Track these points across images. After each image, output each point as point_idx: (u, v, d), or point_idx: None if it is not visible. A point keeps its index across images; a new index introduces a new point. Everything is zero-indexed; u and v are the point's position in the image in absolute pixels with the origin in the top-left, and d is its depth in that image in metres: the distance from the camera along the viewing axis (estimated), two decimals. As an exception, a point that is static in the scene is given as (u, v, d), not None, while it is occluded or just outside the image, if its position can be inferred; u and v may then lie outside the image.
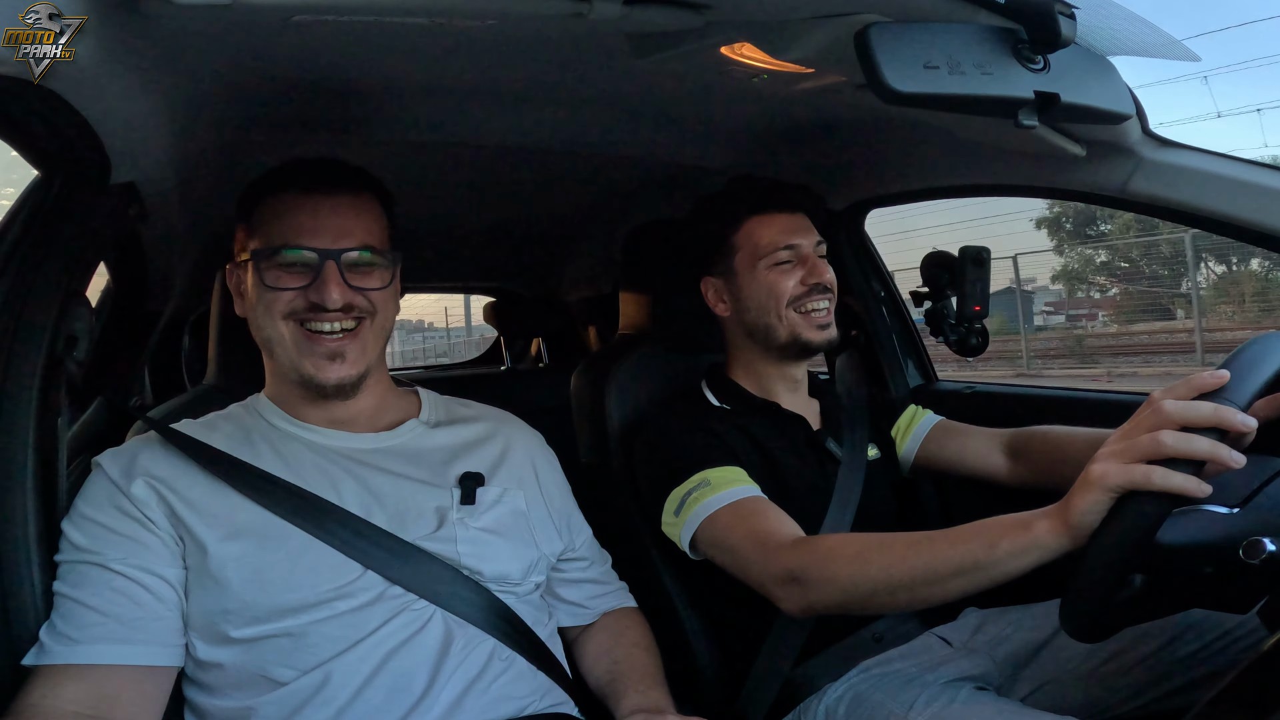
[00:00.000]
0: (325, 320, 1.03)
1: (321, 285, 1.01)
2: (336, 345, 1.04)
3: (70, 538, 0.93)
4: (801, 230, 1.36)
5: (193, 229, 1.58)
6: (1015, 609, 1.31)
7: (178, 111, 1.06)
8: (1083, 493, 0.82)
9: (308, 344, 1.03)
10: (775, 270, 1.35)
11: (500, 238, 2.50)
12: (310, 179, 1.05)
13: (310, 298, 1.02)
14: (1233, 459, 0.77)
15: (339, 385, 1.05)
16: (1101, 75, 1.03)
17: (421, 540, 1.02)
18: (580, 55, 1.13)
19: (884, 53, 0.85)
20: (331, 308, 1.01)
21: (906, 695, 1.12)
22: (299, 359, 1.04)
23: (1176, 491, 0.76)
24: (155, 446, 1.01)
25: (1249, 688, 0.75)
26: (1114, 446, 0.82)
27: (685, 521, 1.23)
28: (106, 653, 0.88)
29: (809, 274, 1.34)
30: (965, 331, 1.68)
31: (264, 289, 1.02)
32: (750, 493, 1.22)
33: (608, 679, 1.16)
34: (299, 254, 1.02)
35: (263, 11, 0.81)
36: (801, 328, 1.34)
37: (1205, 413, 0.78)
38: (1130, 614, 0.86)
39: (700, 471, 1.24)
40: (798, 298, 1.34)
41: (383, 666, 0.94)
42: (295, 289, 1.02)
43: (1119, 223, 22.11)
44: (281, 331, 1.03)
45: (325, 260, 1.02)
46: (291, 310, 1.03)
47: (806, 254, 1.35)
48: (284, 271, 1.03)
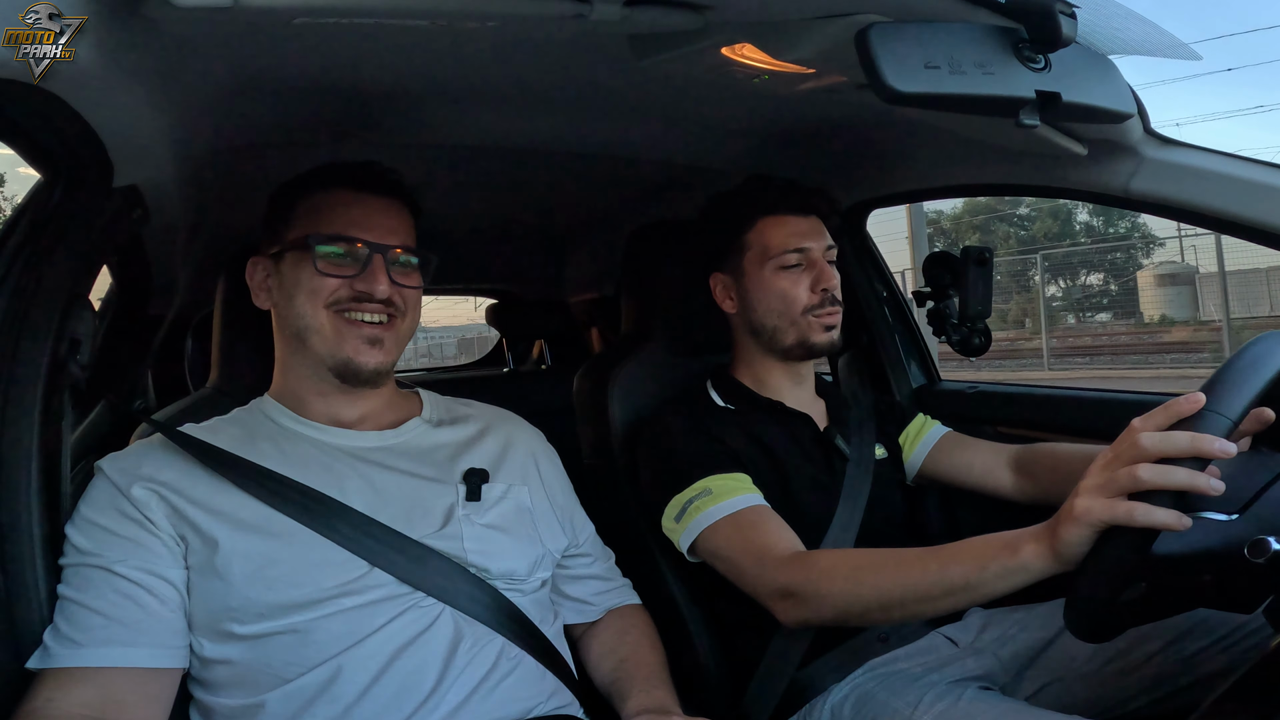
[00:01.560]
0: (367, 310, 1.07)
1: (370, 276, 1.06)
2: (376, 331, 1.07)
3: (74, 541, 0.94)
4: (812, 234, 1.36)
5: (196, 232, 1.58)
6: (1021, 609, 1.31)
7: (180, 114, 1.06)
8: (1068, 525, 0.83)
9: (349, 329, 1.07)
10: (783, 273, 1.35)
11: (502, 239, 2.50)
12: (360, 178, 1.11)
13: (357, 287, 1.06)
14: (1211, 488, 0.76)
15: (376, 371, 1.08)
16: (1103, 74, 1.03)
17: (427, 538, 1.02)
18: (581, 57, 1.13)
19: (884, 53, 0.85)
20: (379, 298, 1.06)
21: (912, 694, 1.12)
22: (339, 344, 1.06)
23: (1158, 528, 0.77)
24: (158, 449, 1.02)
25: (1255, 686, 0.74)
26: (1095, 479, 0.83)
27: (685, 529, 1.24)
28: (111, 655, 0.88)
29: (818, 279, 1.34)
30: (968, 331, 1.68)
31: (313, 274, 1.06)
32: (752, 502, 1.22)
33: (613, 677, 1.16)
34: (352, 245, 1.06)
35: (264, 14, 0.81)
36: (809, 331, 1.35)
37: (1182, 444, 0.78)
38: (1135, 615, 0.86)
39: (703, 479, 1.24)
40: (812, 307, 1.35)
41: (391, 664, 0.95)
42: (343, 277, 1.06)
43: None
44: (322, 320, 1.06)
45: (374, 254, 1.06)
46: (335, 299, 1.06)
47: (815, 258, 1.35)
48: (332, 260, 1.06)
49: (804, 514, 1.27)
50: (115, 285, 1.69)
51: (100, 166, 0.95)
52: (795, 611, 1.10)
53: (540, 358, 3.19)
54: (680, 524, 1.24)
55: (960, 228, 27.51)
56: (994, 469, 1.42)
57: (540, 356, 3.19)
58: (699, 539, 1.22)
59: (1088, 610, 0.83)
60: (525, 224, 2.36)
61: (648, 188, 1.96)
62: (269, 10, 0.80)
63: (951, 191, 1.62)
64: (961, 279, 1.65)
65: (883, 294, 1.88)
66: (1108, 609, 0.82)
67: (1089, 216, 29.20)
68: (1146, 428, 0.81)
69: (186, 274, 1.82)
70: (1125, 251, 21.81)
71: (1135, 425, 0.82)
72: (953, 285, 1.68)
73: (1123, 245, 23.07)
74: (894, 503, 1.44)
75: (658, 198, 2.00)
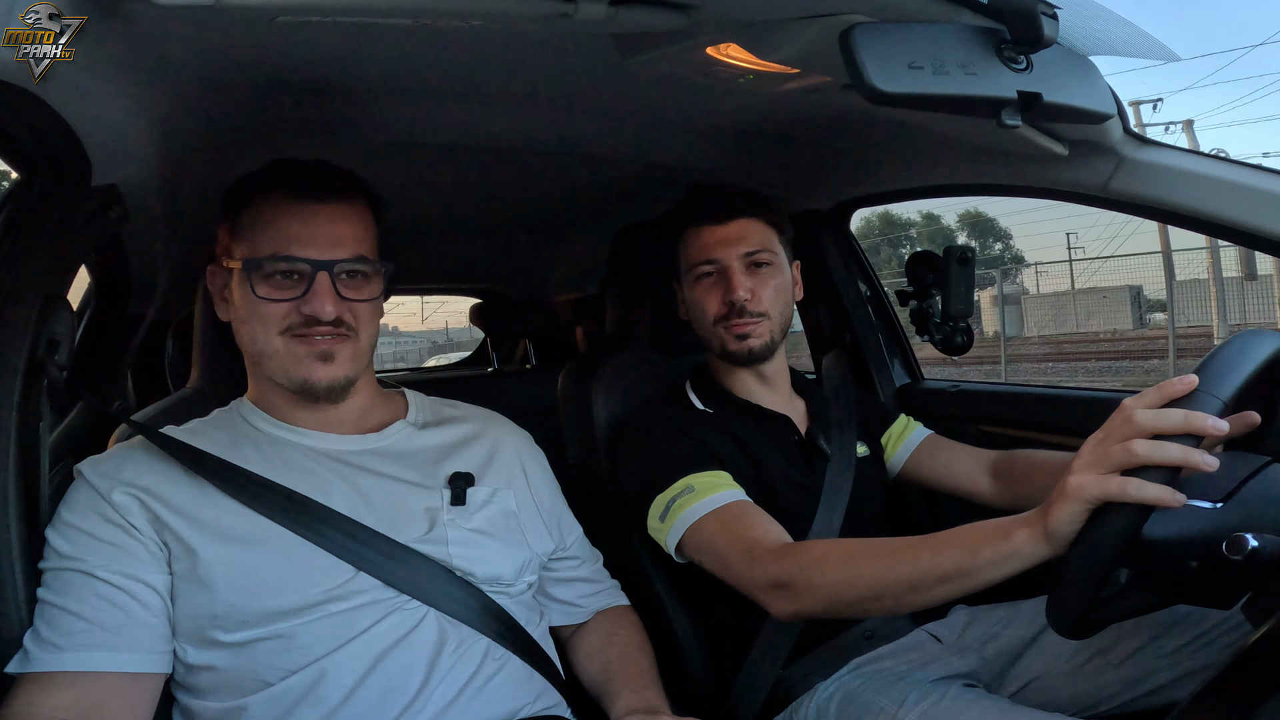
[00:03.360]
0: (317, 333, 1.02)
1: (314, 298, 1.00)
2: (327, 345, 1.03)
3: (54, 545, 0.92)
4: (723, 243, 1.35)
5: (176, 231, 1.56)
6: (1004, 606, 1.32)
7: (160, 112, 1.05)
8: (1060, 504, 0.83)
9: (301, 347, 1.02)
10: (699, 284, 1.37)
11: (487, 239, 2.50)
12: (301, 184, 1.02)
13: (303, 310, 1.00)
14: (1205, 462, 0.77)
15: (330, 387, 1.04)
16: (1083, 75, 1.04)
17: (414, 542, 1.01)
18: (567, 56, 1.13)
19: (868, 53, 0.86)
20: (326, 320, 1.00)
21: (897, 693, 1.13)
22: (294, 366, 1.02)
23: (1151, 503, 0.77)
24: (138, 452, 1.00)
25: (1234, 683, 0.75)
26: (1088, 456, 0.83)
27: (671, 528, 1.23)
28: (92, 660, 0.88)
29: (726, 290, 1.33)
30: (950, 330, 1.69)
31: (254, 300, 1.01)
32: (735, 497, 1.22)
33: (602, 679, 1.15)
34: (291, 264, 1.00)
35: (246, 12, 0.80)
36: (724, 341, 1.36)
37: (1176, 420, 0.78)
38: (1116, 610, 0.87)
39: (685, 477, 1.24)
40: (720, 318, 1.35)
41: (375, 666, 0.94)
42: (288, 300, 1.01)
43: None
44: (276, 345, 1.02)
45: (318, 271, 1.00)
46: (288, 326, 1.01)
47: (725, 267, 1.34)
48: (275, 283, 1.01)
49: (784, 514, 1.27)
50: (94, 284, 1.67)
51: (79, 165, 0.93)
52: (787, 603, 1.08)
53: (525, 357, 3.18)
54: (665, 523, 1.24)
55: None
56: (973, 473, 1.43)
57: (525, 356, 3.19)
58: (685, 536, 1.22)
59: (1071, 604, 0.83)
60: (510, 223, 2.35)
61: (632, 187, 1.96)
62: (251, 8, 0.80)
63: (933, 192, 1.63)
64: (944, 278, 1.66)
65: (866, 293, 1.89)
66: (1093, 599, 0.82)
67: (967, 239, 31.96)
68: (1139, 405, 0.81)
69: (167, 273, 1.80)
70: (998, 269, 22.38)
71: (1128, 404, 0.82)
72: (935, 284, 1.70)
73: (997, 265, 24.83)
74: (876, 500, 1.45)
75: (642, 197, 2.00)
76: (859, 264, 1.89)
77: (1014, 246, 28.50)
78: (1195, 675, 1.11)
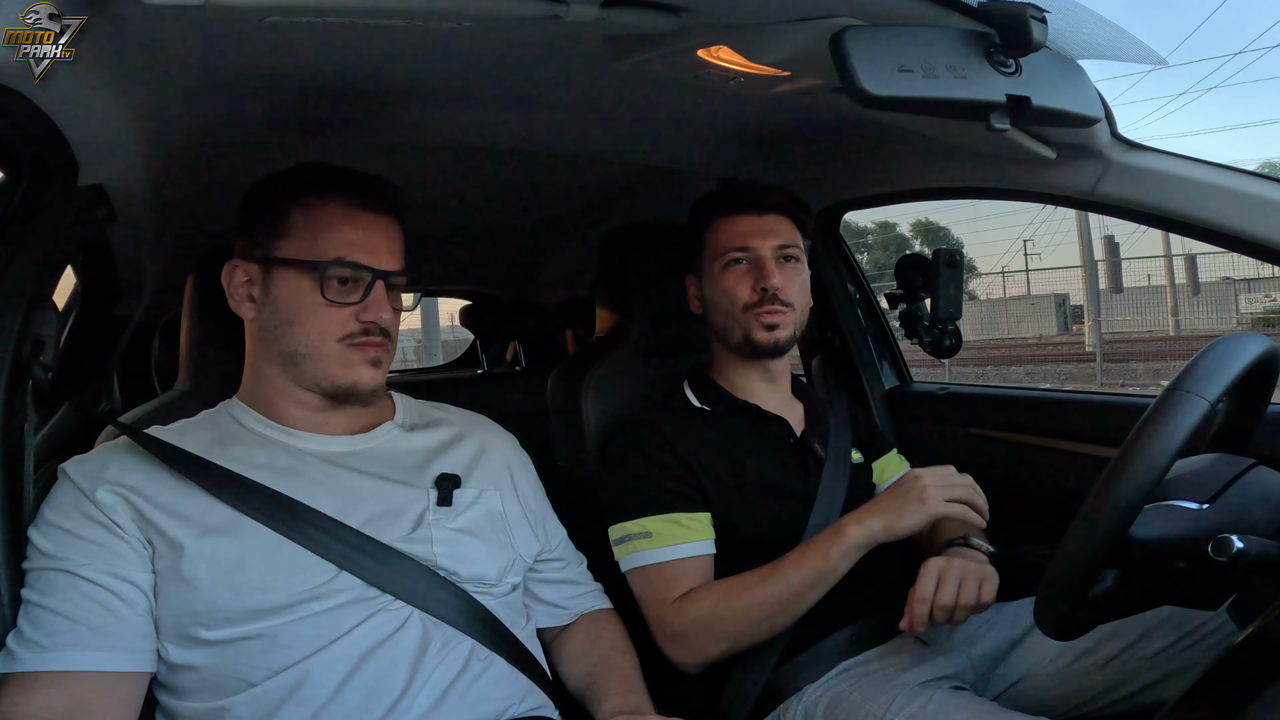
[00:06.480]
0: (371, 340, 1.05)
1: (375, 305, 1.04)
2: (379, 353, 1.06)
3: (38, 545, 0.92)
4: (759, 233, 1.36)
5: (164, 231, 1.56)
6: (990, 608, 1.32)
7: (148, 113, 1.04)
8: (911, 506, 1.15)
9: (355, 353, 1.04)
10: (728, 271, 1.36)
11: (476, 240, 2.49)
12: (369, 195, 1.07)
13: (362, 318, 1.03)
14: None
15: (374, 391, 1.07)
16: (1072, 79, 1.04)
17: (397, 542, 1.01)
18: (557, 58, 1.13)
19: (859, 56, 0.86)
20: (384, 327, 1.04)
21: (884, 696, 1.13)
22: (342, 372, 1.04)
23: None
24: (123, 452, 1.00)
25: (1220, 684, 0.76)
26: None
27: (620, 557, 1.30)
28: (78, 659, 0.87)
29: (759, 278, 1.34)
30: (939, 333, 1.69)
31: (319, 303, 1.02)
32: (691, 552, 1.27)
33: (587, 681, 1.15)
34: (357, 271, 1.03)
35: (235, 12, 0.80)
36: (750, 328, 1.35)
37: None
38: (1102, 611, 0.88)
39: (649, 518, 1.28)
40: (752, 305, 1.35)
41: (359, 667, 0.94)
42: (349, 305, 1.03)
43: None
44: (330, 350, 1.04)
45: (376, 280, 1.04)
46: (347, 334, 1.03)
47: (759, 257, 1.35)
48: (339, 290, 1.03)
49: (777, 518, 1.27)
50: (80, 285, 1.66)
51: (65, 165, 0.93)
52: (686, 652, 1.23)
53: (514, 359, 3.18)
54: (617, 549, 1.31)
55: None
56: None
57: (514, 358, 3.18)
58: (626, 573, 1.30)
59: (1058, 597, 0.84)
60: (500, 225, 2.35)
61: (623, 189, 1.96)
62: (241, 9, 0.79)
63: (923, 195, 1.64)
64: (933, 281, 1.66)
65: (855, 296, 1.89)
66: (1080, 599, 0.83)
67: (920, 246, 33.95)
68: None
69: (154, 274, 1.79)
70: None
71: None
72: (924, 287, 1.70)
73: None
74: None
75: (633, 199, 2.00)
76: (848, 266, 1.90)
77: (965, 254, 29.77)
78: (1180, 676, 1.12)
